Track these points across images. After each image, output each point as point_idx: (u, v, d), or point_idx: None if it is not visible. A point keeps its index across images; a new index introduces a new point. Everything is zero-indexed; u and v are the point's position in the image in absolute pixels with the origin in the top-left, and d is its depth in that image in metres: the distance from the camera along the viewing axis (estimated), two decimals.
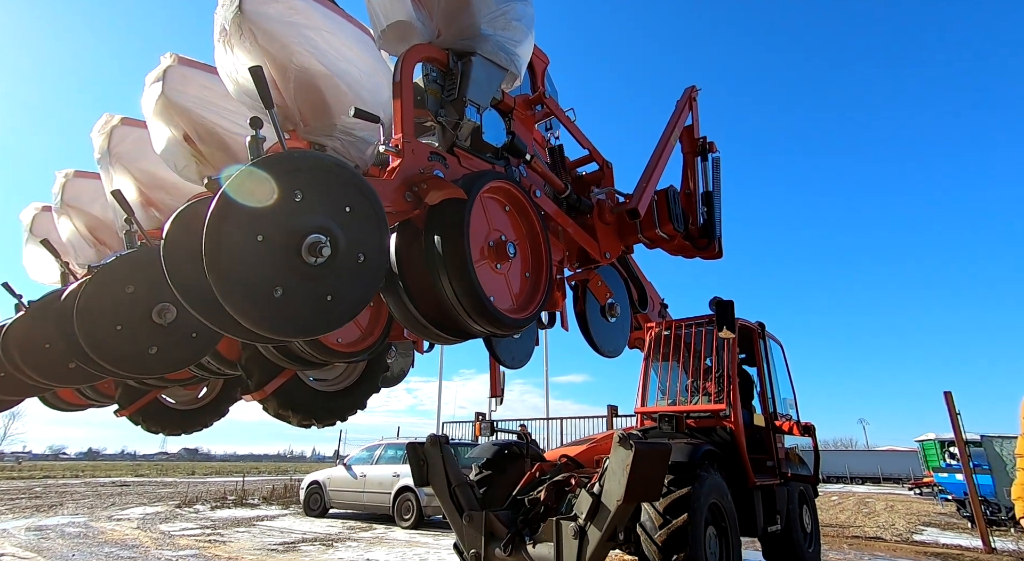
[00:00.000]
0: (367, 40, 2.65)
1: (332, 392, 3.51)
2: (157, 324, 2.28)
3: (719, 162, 4.94)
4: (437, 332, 2.51)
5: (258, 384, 3.00)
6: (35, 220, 4.09)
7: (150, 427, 3.96)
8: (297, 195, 1.73)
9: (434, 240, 2.28)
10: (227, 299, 1.57)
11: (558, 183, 3.52)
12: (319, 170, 1.82)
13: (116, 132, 3.25)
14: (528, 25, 2.85)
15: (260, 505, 15.25)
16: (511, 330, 2.60)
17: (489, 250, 2.53)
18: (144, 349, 2.25)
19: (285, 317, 1.68)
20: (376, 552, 7.90)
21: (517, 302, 2.66)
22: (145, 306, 2.25)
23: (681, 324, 6.57)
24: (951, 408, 9.34)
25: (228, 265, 1.57)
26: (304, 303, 1.72)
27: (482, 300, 2.29)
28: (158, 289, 2.21)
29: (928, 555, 8.52)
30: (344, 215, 1.83)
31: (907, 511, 16.25)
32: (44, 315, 2.98)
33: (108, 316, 2.19)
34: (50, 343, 2.89)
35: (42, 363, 2.93)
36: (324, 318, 1.78)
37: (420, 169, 2.37)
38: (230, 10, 2.19)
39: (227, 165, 2.86)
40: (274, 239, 1.67)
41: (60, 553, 7.66)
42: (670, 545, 4.14)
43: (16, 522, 11.07)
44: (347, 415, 3.56)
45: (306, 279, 1.72)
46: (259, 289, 1.62)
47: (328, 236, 1.75)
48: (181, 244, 1.90)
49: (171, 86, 2.74)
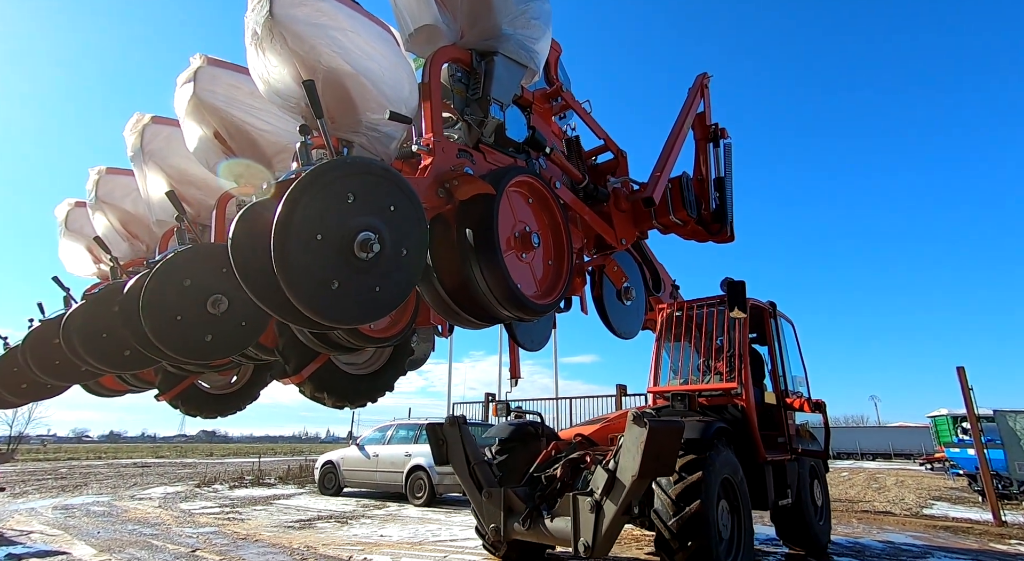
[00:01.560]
0: (387, 37, 2.73)
1: (363, 375, 3.66)
2: (212, 314, 2.43)
3: (731, 148, 5.06)
4: (468, 318, 2.67)
5: (295, 368, 3.16)
6: (69, 215, 4.25)
7: (188, 410, 4.17)
8: (350, 197, 1.90)
9: (465, 233, 2.45)
10: (292, 292, 1.73)
11: (576, 174, 3.68)
12: (368, 174, 1.98)
13: (148, 130, 3.39)
14: (546, 22, 2.96)
15: (276, 484, 15.61)
16: (537, 315, 2.77)
17: (515, 241, 2.69)
18: (201, 337, 2.40)
19: (341, 307, 1.85)
20: (389, 529, 8.09)
21: (541, 288, 2.83)
22: (201, 298, 2.39)
23: (693, 305, 6.58)
24: (964, 383, 9.31)
25: (293, 262, 1.74)
26: (356, 294, 1.89)
27: (511, 288, 2.46)
28: (211, 282, 2.39)
29: (937, 528, 8.58)
30: (389, 214, 1.99)
31: (917, 486, 16.33)
32: (102, 306, 3.13)
33: (169, 308, 2.33)
34: (107, 332, 3.06)
35: (100, 350, 3.09)
36: (373, 308, 1.95)
37: (451, 166, 2.50)
38: (261, 14, 2.28)
39: (256, 161, 3.02)
40: (331, 238, 1.84)
41: (86, 530, 7.91)
42: (685, 531, 4.20)
43: (43, 502, 11.43)
44: (377, 397, 3.70)
45: (358, 273, 1.89)
46: (319, 283, 1.79)
47: (376, 234, 1.91)
48: (246, 241, 2.06)
49: (202, 86, 2.85)
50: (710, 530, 4.21)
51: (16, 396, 4.16)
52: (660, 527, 4.31)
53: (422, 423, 12.38)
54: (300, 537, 7.37)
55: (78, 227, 4.16)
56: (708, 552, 4.15)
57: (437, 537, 7.38)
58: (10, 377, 4.07)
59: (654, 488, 4.38)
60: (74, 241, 4.21)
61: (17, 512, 9.86)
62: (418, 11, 2.65)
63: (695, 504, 4.21)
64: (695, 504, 4.21)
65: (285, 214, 1.76)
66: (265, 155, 3.04)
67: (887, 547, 7.00)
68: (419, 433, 11.99)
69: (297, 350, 3.10)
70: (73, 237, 4.21)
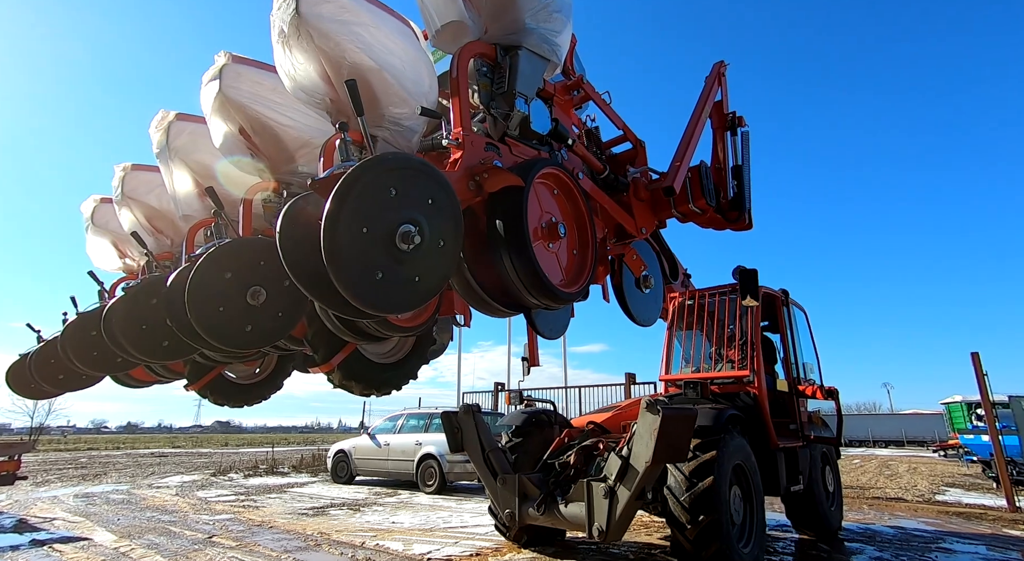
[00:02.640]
0: (407, 32, 2.77)
1: (387, 364, 3.74)
2: (251, 305, 2.50)
3: (748, 136, 5.05)
4: (496, 306, 2.73)
5: (324, 357, 3.24)
6: (95, 211, 4.34)
7: (216, 400, 4.28)
8: (392, 192, 1.97)
9: (496, 224, 2.52)
10: (340, 281, 1.81)
11: (597, 164, 3.73)
12: (408, 169, 2.05)
13: (173, 127, 3.45)
14: (567, 15, 2.99)
15: (290, 473, 15.84)
16: (564, 303, 2.84)
17: (542, 231, 2.75)
18: (242, 327, 2.47)
19: (384, 296, 1.93)
20: (401, 516, 8.20)
21: (567, 277, 2.91)
22: (241, 289, 2.46)
23: (704, 293, 6.55)
24: (978, 369, 9.21)
25: (341, 254, 1.82)
26: (398, 284, 1.97)
27: (540, 276, 2.52)
28: (251, 274, 2.47)
29: (950, 514, 8.55)
30: (428, 207, 2.07)
31: (930, 473, 16.25)
32: (142, 298, 3.22)
33: (213, 299, 2.41)
34: (147, 323, 3.15)
35: (140, 341, 3.18)
36: (413, 296, 2.03)
37: (480, 160, 2.56)
38: (287, 12, 2.34)
39: (279, 156, 3.09)
40: (375, 230, 1.92)
41: (106, 517, 8.09)
42: (696, 507, 4.24)
43: (65, 490, 11.69)
44: (401, 385, 3.78)
45: (399, 263, 1.97)
46: (365, 273, 1.87)
47: (416, 226, 1.98)
48: (292, 234, 2.13)
49: (227, 83, 2.92)
50: (722, 506, 4.24)
51: (53, 386, 4.28)
52: (672, 503, 4.36)
53: (433, 412, 12.48)
54: (314, 524, 7.49)
55: (104, 222, 4.27)
56: (719, 527, 4.18)
57: (448, 524, 7.46)
58: (47, 368, 4.20)
59: (668, 467, 4.41)
60: (100, 236, 4.31)
61: (40, 500, 10.10)
62: (444, 8, 2.70)
63: (708, 480, 4.25)
64: (708, 480, 4.25)
65: (334, 208, 1.83)
66: (288, 150, 3.12)
67: (898, 533, 6.99)
68: (429, 422, 12.09)
69: (326, 340, 3.18)
70: (99, 232, 4.31)
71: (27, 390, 4.44)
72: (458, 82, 2.64)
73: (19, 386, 4.42)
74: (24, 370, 4.35)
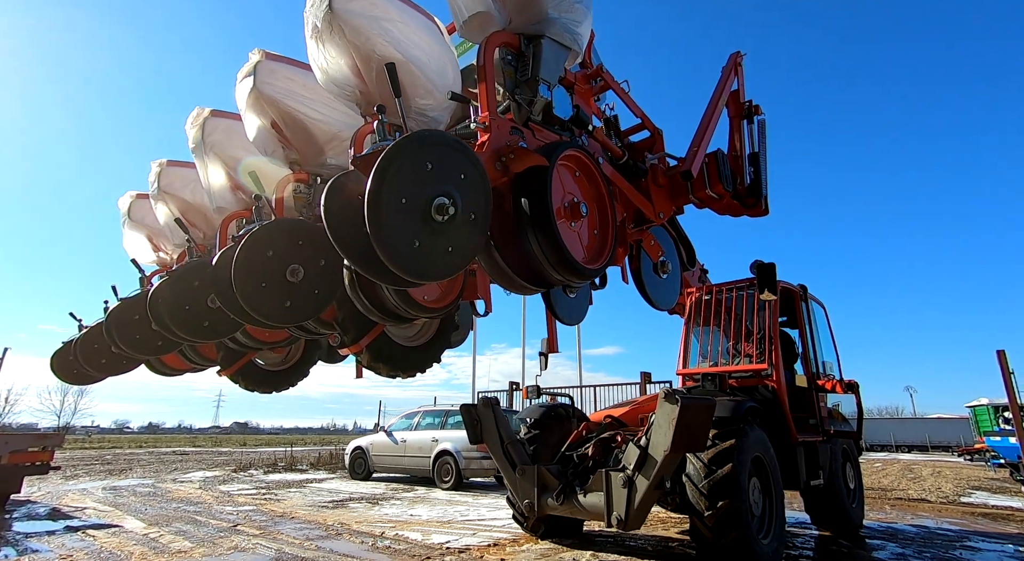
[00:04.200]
0: (432, 27, 2.89)
1: (413, 347, 3.87)
2: (291, 282, 2.62)
3: (764, 124, 5.09)
4: (521, 282, 2.83)
5: (354, 339, 3.36)
6: (132, 206, 4.55)
7: (247, 385, 4.45)
8: (428, 166, 2.08)
9: (521, 202, 2.62)
10: (381, 248, 1.92)
11: (616, 150, 3.83)
12: (444, 145, 2.16)
13: (208, 123, 3.63)
14: (588, 6, 3.09)
15: (308, 470, 16.07)
16: (587, 279, 2.93)
17: (565, 210, 2.85)
18: (282, 303, 2.59)
19: (422, 264, 2.04)
20: (419, 509, 8.30)
21: (589, 254, 3.00)
22: (281, 267, 2.58)
23: (722, 288, 6.55)
24: (1004, 367, 9.03)
25: (383, 223, 1.93)
26: (434, 253, 2.08)
27: (563, 252, 2.62)
28: (290, 252, 2.58)
29: (976, 515, 8.39)
30: (461, 181, 2.17)
31: (956, 476, 15.89)
32: (185, 281, 3.38)
33: (256, 275, 2.54)
34: (190, 304, 3.31)
35: (184, 320, 3.33)
36: (447, 265, 2.15)
37: (506, 142, 2.66)
38: (321, 9, 2.48)
39: (309, 149, 3.25)
40: (413, 201, 2.02)
41: (135, 507, 8.33)
42: (715, 493, 4.25)
43: (93, 483, 12.03)
44: (425, 367, 3.89)
45: (435, 233, 2.07)
46: (404, 241, 1.98)
47: (450, 199, 2.09)
48: (335, 209, 2.25)
49: (261, 79, 3.07)
50: (741, 494, 4.24)
51: (97, 370, 4.48)
52: (691, 490, 4.37)
53: (449, 409, 12.58)
54: (334, 515, 7.62)
55: (140, 217, 4.48)
56: (738, 514, 4.19)
57: (465, 517, 7.54)
58: (91, 353, 4.40)
59: (687, 456, 4.43)
60: (136, 231, 4.53)
61: (70, 492, 10.42)
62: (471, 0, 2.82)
63: (727, 467, 4.27)
64: (727, 467, 4.27)
65: (377, 180, 1.94)
66: (317, 143, 3.27)
67: (921, 531, 6.88)
68: (446, 419, 12.19)
69: (356, 322, 3.29)
70: (135, 227, 4.52)
71: (71, 376, 4.64)
72: (485, 69, 2.75)
73: (64, 372, 4.63)
74: (68, 356, 4.56)
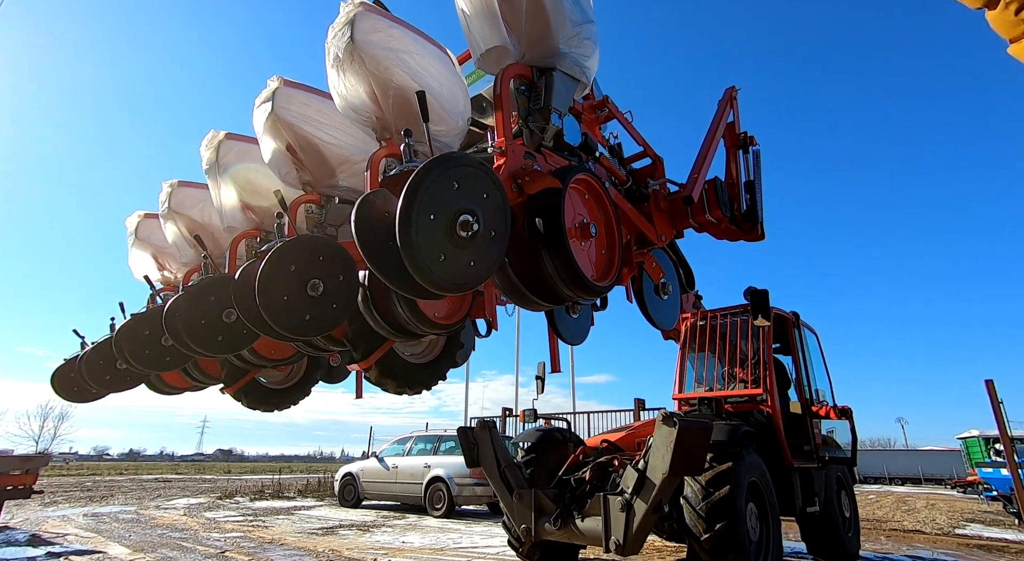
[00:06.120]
0: (445, 58, 3.08)
1: (420, 364, 3.93)
2: (311, 296, 2.69)
3: (759, 154, 5.35)
4: (533, 298, 2.97)
5: (363, 355, 3.42)
6: (139, 226, 4.59)
7: (250, 403, 4.46)
8: (455, 185, 2.22)
9: (535, 221, 2.77)
10: (410, 261, 2.04)
11: (621, 176, 4.07)
12: (468, 166, 2.30)
13: (223, 146, 3.73)
14: (596, 41, 3.31)
15: (296, 498, 15.69)
16: (596, 295, 3.08)
17: (575, 230, 3.00)
18: (303, 317, 2.66)
19: (447, 277, 2.15)
20: (411, 536, 8.14)
21: (597, 272, 3.16)
22: (302, 282, 2.66)
23: (716, 314, 6.65)
24: (993, 396, 9.10)
25: (412, 237, 2.04)
26: (457, 266, 2.20)
27: (575, 268, 2.76)
28: (311, 268, 2.67)
29: (971, 546, 8.35)
30: (483, 200, 2.31)
31: (949, 509, 15.79)
32: (201, 296, 3.40)
33: (279, 288, 2.61)
34: (205, 319, 3.34)
35: (199, 335, 3.35)
36: (469, 279, 2.26)
37: (521, 166, 2.83)
38: (342, 40, 2.64)
39: (321, 171, 3.37)
40: (441, 218, 2.15)
41: (118, 533, 8.10)
42: (713, 515, 4.26)
43: (73, 510, 11.68)
44: (431, 384, 3.95)
45: (458, 248, 2.20)
46: (431, 255, 2.10)
47: (473, 216, 2.22)
48: (365, 226, 2.36)
49: (279, 104, 3.19)
50: (738, 515, 4.25)
51: (101, 386, 4.42)
52: (688, 513, 4.37)
53: (441, 435, 12.42)
54: (324, 542, 7.45)
55: (146, 236, 4.51)
56: (735, 536, 4.18)
57: (458, 544, 7.41)
58: (97, 369, 4.36)
59: (685, 479, 4.44)
60: (142, 250, 4.55)
61: (50, 518, 10.11)
62: (488, 34, 3.00)
63: (724, 489, 4.29)
64: (724, 489, 4.29)
65: (409, 197, 2.07)
66: (330, 165, 3.40)
67: None
68: (438, 445, 12.04)
69: (365, 338, 3.36)
70: (141, 246, 4.54)
71: (71, 393, 4.60)
72: (501, 98, 2.93)
73: (64, 389, 4.59)
74: (71, 373, 4.53)
